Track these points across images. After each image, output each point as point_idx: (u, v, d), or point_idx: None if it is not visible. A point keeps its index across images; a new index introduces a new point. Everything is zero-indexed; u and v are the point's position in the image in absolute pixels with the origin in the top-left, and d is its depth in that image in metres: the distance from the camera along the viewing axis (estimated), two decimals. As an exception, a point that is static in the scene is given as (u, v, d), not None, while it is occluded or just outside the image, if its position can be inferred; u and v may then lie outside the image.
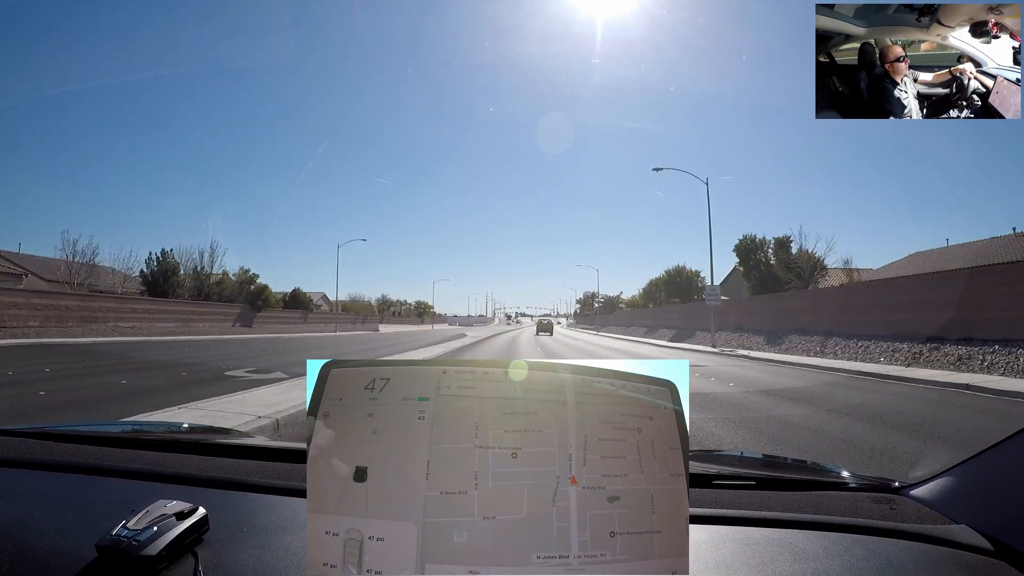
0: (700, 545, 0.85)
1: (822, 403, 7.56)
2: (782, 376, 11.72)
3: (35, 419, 5.63)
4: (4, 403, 6.72)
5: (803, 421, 6.22)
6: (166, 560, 0.75)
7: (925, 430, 5.75)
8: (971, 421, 6.57)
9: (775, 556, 0.85)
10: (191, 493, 1.00)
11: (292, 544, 0.83)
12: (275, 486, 1.08)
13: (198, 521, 0.82)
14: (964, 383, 9.52)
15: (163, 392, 7.54)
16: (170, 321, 31.22)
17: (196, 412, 5.19)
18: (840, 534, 0.93)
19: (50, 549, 0.81)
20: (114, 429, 1.70)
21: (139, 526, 0.76)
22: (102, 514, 0.90)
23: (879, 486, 1.16)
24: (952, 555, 0.87)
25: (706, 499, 1.03)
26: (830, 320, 19.48)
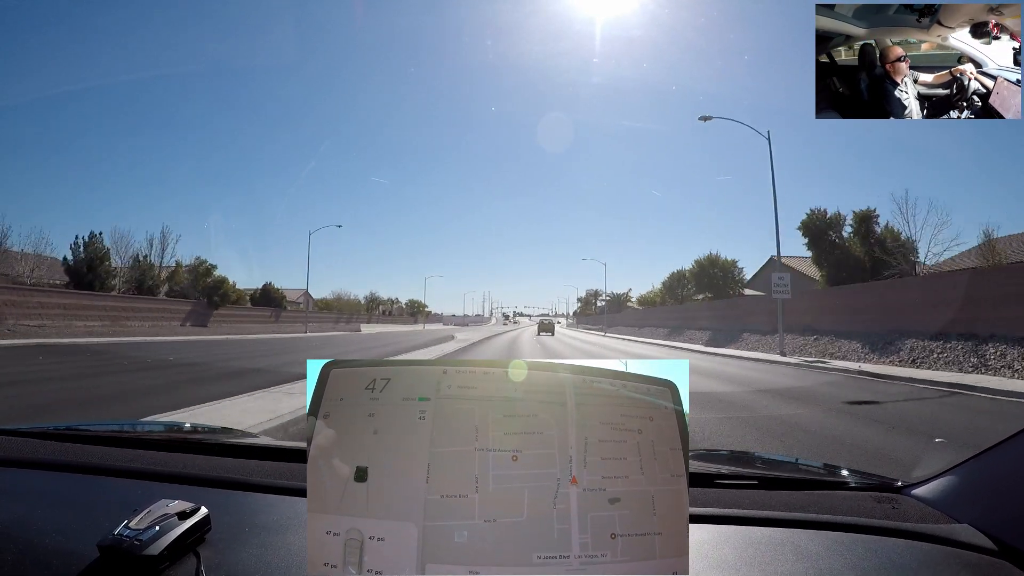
0: (702, 545, 0.85)
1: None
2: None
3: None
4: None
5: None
6: (168, 560, 0.75)
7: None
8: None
9: (777, 556, 0.85)
10: (193, 493, 1.00)
11: (294, 544, 0.83)
12: (277, 486, 1.08)
13: (200, 521, 0.82)
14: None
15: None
16: (95, 319, 26.18)
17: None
18: (842, 533, 0.93)
19: (52, 549, 0.81)
20: (116, 429, 1.71)
21: (141, 526, 0.76)
22: (104, 514, 0.90)
23: (881, 485, 1.16)
24: (955, 555, 0.87)
25: (708, 499, 1.03)
26: (968, 316, 12.93)
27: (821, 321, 19.54)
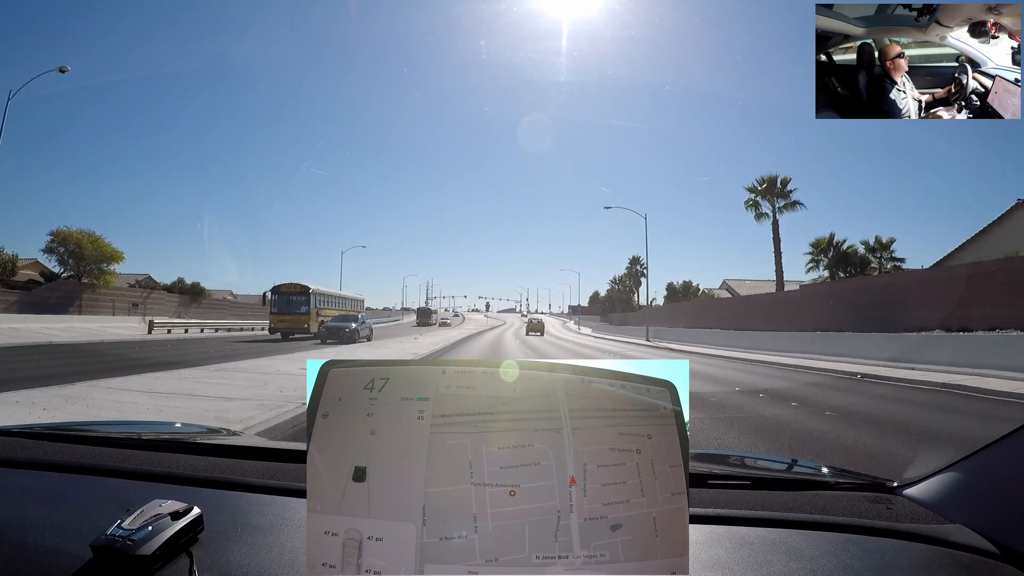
0: (695, 545, 0.84)
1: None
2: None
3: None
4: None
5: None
6: (161, 560, 0.74)
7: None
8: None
9: (770, 556, 0.85)
10: (186, 493, 0.99)
11: (287, 543, 0.83)
12: (270, 486, 1.08)
13: (193, 521, 0.82)
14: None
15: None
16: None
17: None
18: (836, 534, 0.93)
19: (45, 549, 0.80)
20: (109, 429, 1.70)
21: (134, 526, 0.76)
22: (97, 514, 0.89)
23: (875, 485, 1.16)
24: (948, 555, 0.87)
25: (701, 499, 1.03)
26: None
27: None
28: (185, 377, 8.29)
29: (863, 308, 22.59)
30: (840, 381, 11.53)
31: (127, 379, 7.77)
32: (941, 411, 7.72)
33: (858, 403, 8.26)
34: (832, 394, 9.11)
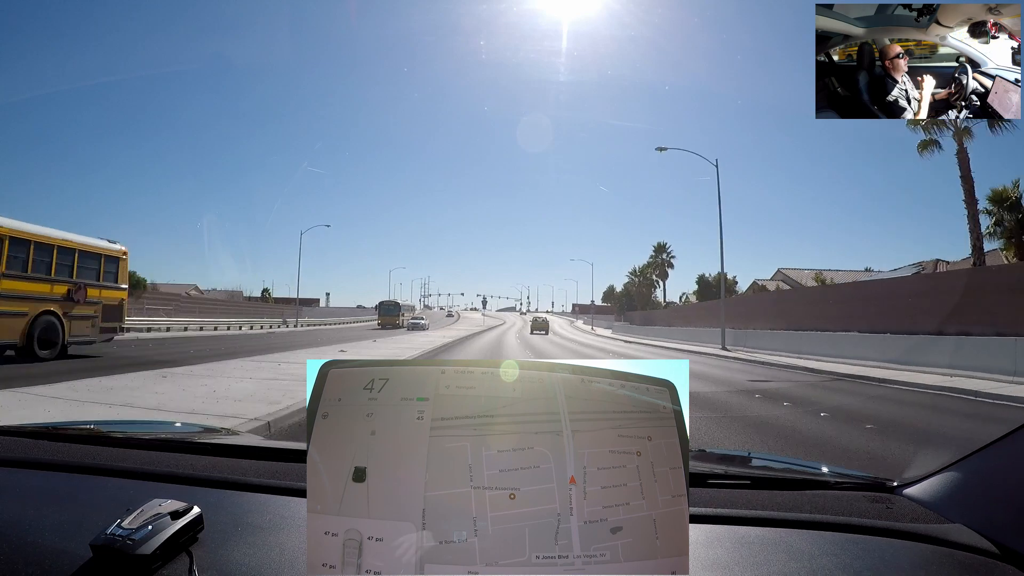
0: (695, 545, 0.84)
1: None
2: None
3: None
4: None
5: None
6: (161, 559, 0.74)
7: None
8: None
9: (770, 556, 0.85)
10: (186, 492, 0.99)
11: (287, 543, 0.83)
12: (270, 485, 1.08)
13: (193, 520, 0.81)
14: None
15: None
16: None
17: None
18: (835, 533, 0.93)
19: (44, 548, 0.80)
20: (109, 428, 1.70)
21: (134, 525, 0.75)
22: (97, 513, 0.89)
23: (874, 485, 1.16)
24: (948, 554, 0.87)
25: (701, 498, 1.03)
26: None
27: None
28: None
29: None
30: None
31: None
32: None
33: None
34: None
